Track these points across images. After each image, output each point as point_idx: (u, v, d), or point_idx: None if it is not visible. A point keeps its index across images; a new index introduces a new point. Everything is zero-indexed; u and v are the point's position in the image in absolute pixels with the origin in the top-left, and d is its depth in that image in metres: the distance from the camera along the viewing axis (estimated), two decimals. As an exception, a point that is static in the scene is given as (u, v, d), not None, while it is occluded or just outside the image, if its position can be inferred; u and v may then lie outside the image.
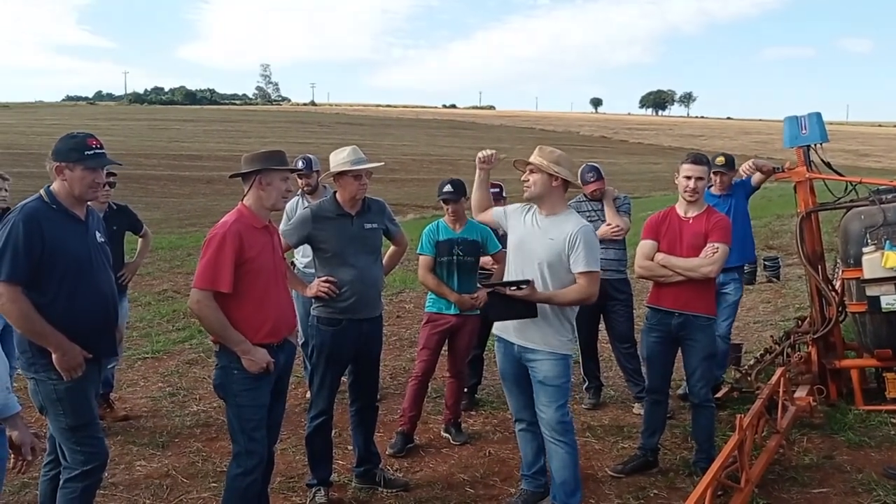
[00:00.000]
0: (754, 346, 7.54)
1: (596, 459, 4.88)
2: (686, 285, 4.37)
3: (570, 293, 3.85)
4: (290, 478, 4.64)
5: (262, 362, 3.46)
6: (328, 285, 4.17)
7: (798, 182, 5.83)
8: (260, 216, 3.62)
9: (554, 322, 3.87)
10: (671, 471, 4.66)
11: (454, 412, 5.34)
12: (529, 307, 3.81)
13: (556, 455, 3.87)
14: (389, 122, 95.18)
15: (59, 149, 3.35)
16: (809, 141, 5.84)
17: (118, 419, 5.67)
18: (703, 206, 4.51)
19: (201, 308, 3.40)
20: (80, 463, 3.29)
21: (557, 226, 3.91)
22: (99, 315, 3.39)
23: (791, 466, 4.63)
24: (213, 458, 4.94)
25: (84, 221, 3.43)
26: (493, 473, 4.72)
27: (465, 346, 5.28)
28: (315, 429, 4.33)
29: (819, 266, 5.81)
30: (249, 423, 3.51)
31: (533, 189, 3.93)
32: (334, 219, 4.25)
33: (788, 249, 15.17)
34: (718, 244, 4.33)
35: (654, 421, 4.67)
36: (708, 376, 4.52)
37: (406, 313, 9.68)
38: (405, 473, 4.74)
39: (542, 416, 3.89)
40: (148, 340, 8.26)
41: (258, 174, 3.58)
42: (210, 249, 3.42)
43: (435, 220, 5.34)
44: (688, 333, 4.43)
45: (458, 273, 5.06)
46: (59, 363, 3.22)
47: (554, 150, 3.98)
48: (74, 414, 3.28)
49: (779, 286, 11.51)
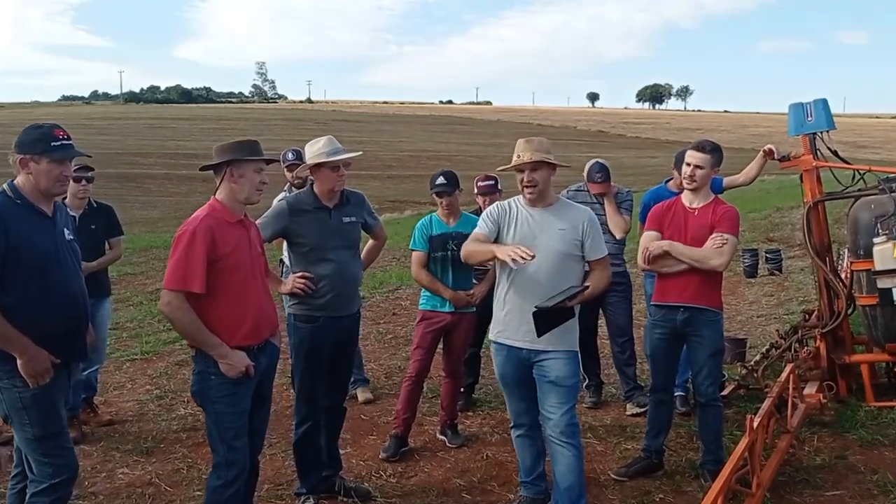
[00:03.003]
0: (758, 341, 7.37)
1: (598, 462, 4.67)
2: (692, 277, 4.15)
3: (599, 283, 3.74)
4: (279, 485, 4.42)
5: (241, 366, 3.24)
6: (304, 281, 3.95)
7: (804, 171, 5.61)
8: (233, 210, 3.39)
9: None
10: (677, 473, 4.46)
11: (450, 414, 5.13)
12: (570, 311, 3.61)
13: (561, 459, 3.65)
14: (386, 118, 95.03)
15: (22, 140, 3.14)
16: (815, 128, 5.64)
17: (102, 424, 5.47)
18: (709, 197, 4.29)
19: (172, 310, 3.18)
20: (48, 476, 3.08)
21: (562, 215, 3.73)
22: (68, 316, 3.18)
23: (802, 467, 4.43)
24: (198, 464, 4.72)
25: (51, 217, 3.22)
26: (491, 478, 4.51)
27: (461, 344, 5.07)
28: (302, 435, 4.10)
29: (827, 257, 5.61)
30: (229, 432, 3.29)
31: (540, 186, 3.71)
32: (312, 212, 4.03)
33: (789, 242, 15.06)
34: (727, 235, 4.11)
35: (658, 421, 4.46)
36: (715, 373, 4.31)
37: (402, 310, 9.50)
38: (399, 479, 4.53)
39: (549, 419, 3.67)
40: (137, 341, 8.10)
41: (229, 165, 3.35)
42: (179, 247, 3.19)
43: (428, 215, 5.13)
44: (694, 329, 4.21)
45: (453, 269, 4.85)
46: (25, 369, 3.01)
47: (541, 139, 3.79)
48: (41, 423, 3.07)
49: (781, 279, 11.36)
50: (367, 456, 4.87)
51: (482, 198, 5.43)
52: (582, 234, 3.69)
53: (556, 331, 3.61)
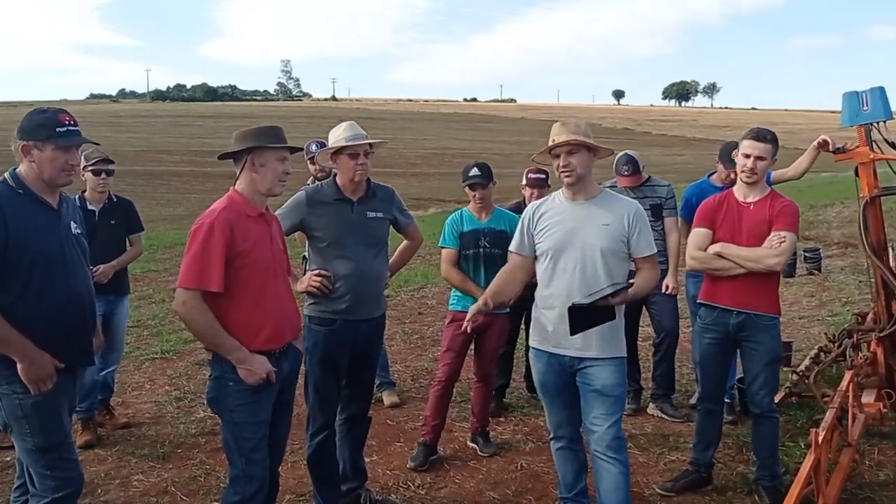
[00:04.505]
0: (803, 344, 7.02)
1: (641, 474, 4.36)
2: (746, 279, 3.81)
3: (647, 283, 3.42)
4: (301, 495, 4.17)
5: (262, 372, 2.97)
6: (320, 279, 3.67)
7: (861, 164, 5.22)
8: (254, 202, 3.11)
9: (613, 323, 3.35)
10: (728, 489, 4.14)
11: (481, 420, 4.85)
12: (611, 311, 3.27)
13: (607, 475, 3.33)
14: (410, 116, 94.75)
15: (25, 125, 2.91)
16: (871, 119, 5.23)
17: (118, 427, 5.26)
18: (765, 190, 3.95)
19: (188, 311, 2.92)
20: (51, 490, 2.85)
21: (606, 208, 3.40)
22: (73, 317, 2.94)
23: (865, 484, 4.09)
24: (216, 471, 4.48)
25: (56, 209, 2.98)
26: (527, 490, 4.22)
27: (493, 347, 4.78)
28: (317, 447, 3.81)
29: (885, 256, 5.23)
30: (248, 443, 3.02)
31: (578, 171, 3.37)
32: (332, 203, 3.74)
33: (826, 240, 14.60)
34: (785, 232, 3.77)
35: (708, 433, 4.13)
36: (772, 383, 3.96)
37: (428, 310, 9.23)
38: (428, 490, 4.26)
39: (593, 432, 3.35)
40: (158, 339, 7.89)
41: (250, 153, 3.08)
42: (196, 242, 2.93)
43: (458, 210, 4.84)
44: (748, 335, 3.87)
45: (486, 267, 4.56)
46: (26, 374, 2.78)
47: (578, 121, 3.47)
48: (43, 433, 2.84)
49: (821, 279, 10.96)
50: (394, 465, 4.61)
51: (530, 190, 5.17)
52: (628, 229, 3.36)
53: (604, 335, 3.31)
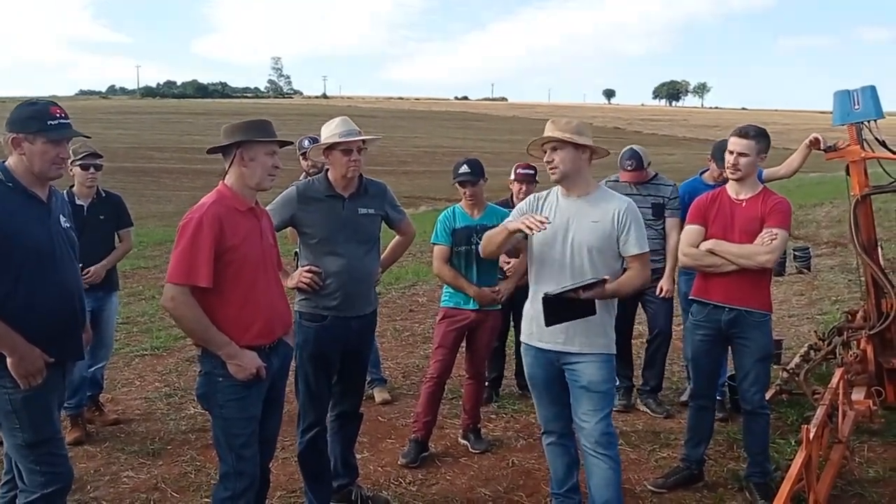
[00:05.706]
0: (793, 342, 7.06)
1: (633, 471, 4.36)
2: (738, 276, 3.83)
3: (632, 281, 3.39)
4: (292, 492, 4.15)
5: (252, 368, 2.96)
6: (311, 276, 3.65)
7: (852, 162, 5.25)
8: (244, 197, 3.09)
9: (600, 319, 3.34)
10: (719, 485, 4.15)
11: (473, 417, 4.84)
12: (589, 306, 3.25)
13: (597, 471, 3.34)
14: (401, 114, 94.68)
15: (15, 118, 2.88)
16: (863, 117, 5.27)
17: (108, 423, 5.22)
18: (757, 188, 3.97)
19: (177, 306, 2.90)
20: (40, 486, 2.82)
21: (597, 206, 3.40)
22: (63, 312, 2.92)
23: (855, 480, 4.10)
24: (207, 468, 4.46)
25: (46, 203, 2.95)
26: (518, 487, 4.22)
27: (486, 344, 4.78)
28: (308, 443, 3.78)
29: (875, 254, 5.26)
30: (238, 439, 3.00)
31: (561, 168, 3.38)
32: (323, 200, 3.72)
33: (815, 240, 14.69)
34: (777, 229, 3.78)
35: (699, 429, 4.14)
36: (763, 380, 3.97)
37: (419, 307, 9.23)
38: (419, 487, 4.25)
39: (582, 427, 3.36)
40: (148, 336, 7.86)
41: (239, 147, 3.06)
42: (184, 237, 2.90)
43: (451, 207, 4.83)
44: (740, 331, 3.88)
45: (478, 264, 4.54)
46: (15, 369, 2.75)
47: (570, 119, 3.47)
48: (33, 428, 2.81)
49: (810, 277, 11.02)
50: (385, 461, 4.60)
51: (518, 185, 5.22)
52: (617, 227, 3.36)
53: (588, 331, 3.32)
